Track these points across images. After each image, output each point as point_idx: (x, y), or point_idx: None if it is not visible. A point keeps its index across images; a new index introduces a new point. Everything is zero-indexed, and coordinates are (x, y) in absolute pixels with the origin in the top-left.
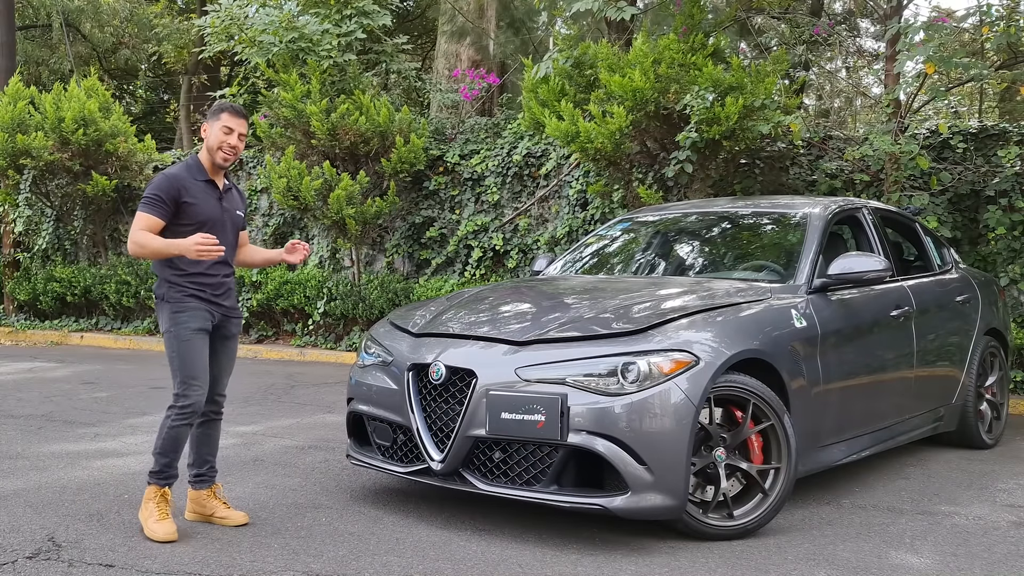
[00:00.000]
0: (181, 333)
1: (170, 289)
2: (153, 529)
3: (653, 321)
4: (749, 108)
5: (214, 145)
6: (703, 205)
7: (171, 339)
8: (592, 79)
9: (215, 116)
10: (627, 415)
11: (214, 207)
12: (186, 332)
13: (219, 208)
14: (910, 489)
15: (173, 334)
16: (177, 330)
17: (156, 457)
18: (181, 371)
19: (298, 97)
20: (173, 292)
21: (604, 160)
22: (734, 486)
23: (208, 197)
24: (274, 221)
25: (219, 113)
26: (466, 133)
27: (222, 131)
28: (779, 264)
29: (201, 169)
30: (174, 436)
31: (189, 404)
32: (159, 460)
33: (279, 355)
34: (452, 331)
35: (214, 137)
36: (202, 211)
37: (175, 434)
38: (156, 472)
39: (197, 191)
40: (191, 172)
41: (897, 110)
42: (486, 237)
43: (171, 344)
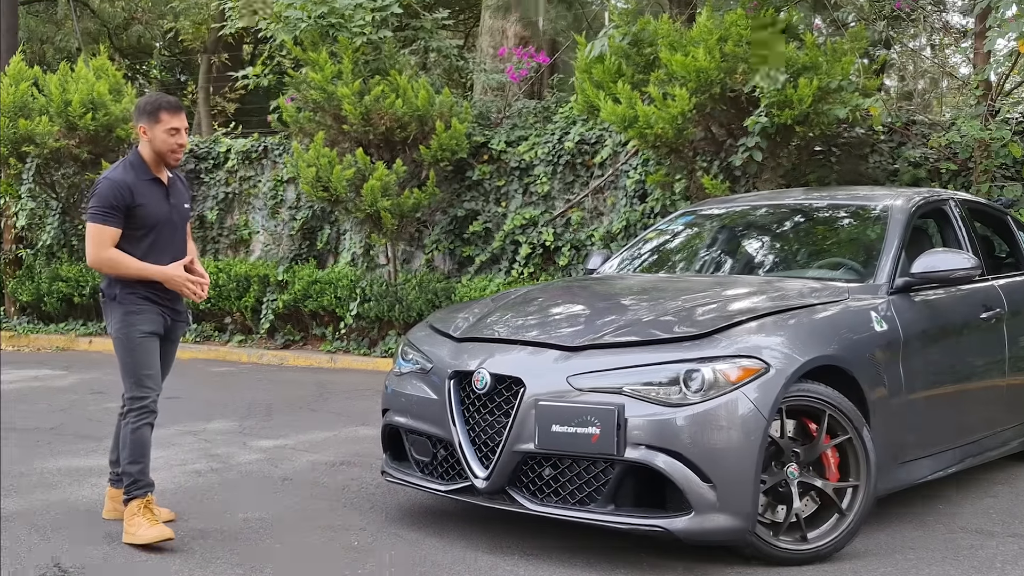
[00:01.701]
0: (133, 335)
1: (123, 290)
2: (146, 535)
3: (719, 324)
4: (824, 90)
5: (163, 150)
6: (773, 197)
7: (123, 341)
8: (652, 58)
9: (151, 118)
10: (690, 428)
11: (162, 207)
12: (138, 334)
13: (167, 207)
14: (999, 509)
15: (125, 336)
16: (129, 332)
17: (127, 468)
18: (134, 371)
19: (328, 78)
20: (126, 294)
21: (665, 147)
22: (808, 506)
23: (156, 197)
24: (302, 215)
25: (156, 113)
26: (513, 118)
27: (168, 134)
28: (857, 262)
29: (145, 167)
30: (138, 440)
31: (145, 403)
32: (130, 469)
33: (307, 362)
34: (498, 335)
35: (160, 142)
36: (152, 213)
37: (139, 437)
38: (132, 483)
39: (145, 192)
40: (137, 172)
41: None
42: (535, 232)
43: (123, 346)
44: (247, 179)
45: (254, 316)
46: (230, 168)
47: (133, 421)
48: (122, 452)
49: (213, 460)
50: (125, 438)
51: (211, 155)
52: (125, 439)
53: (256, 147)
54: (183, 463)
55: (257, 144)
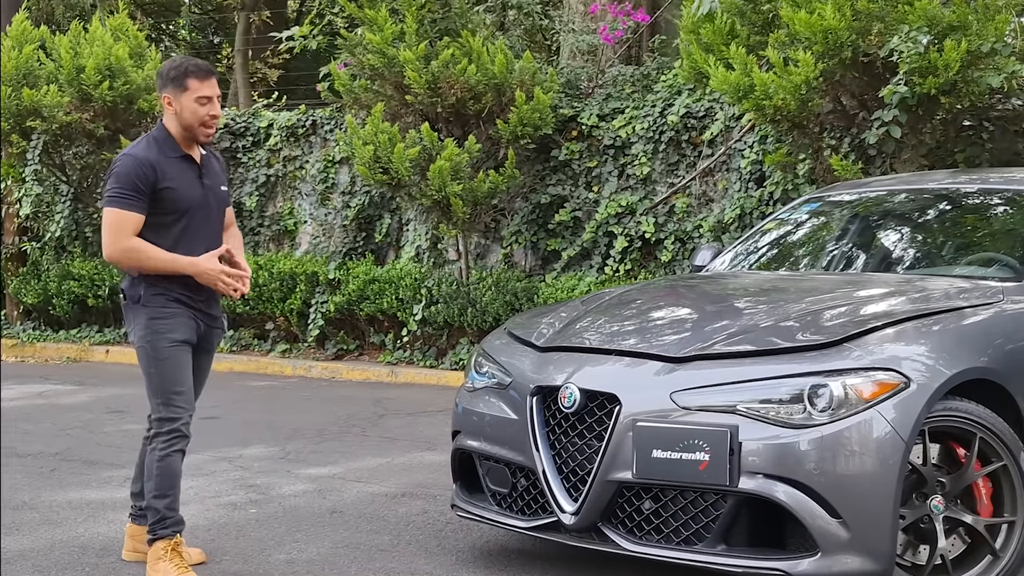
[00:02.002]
0: (160, 346)
1: (148, 290)
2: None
3: (850, 331)
4: (975, 54)
5: (193, 123)
6: (914, 180)
7: (148, 352)
8: (771, 16)
9: (177, 85)
10: (816, 453)
11: (195, 189)
12: (166, 346)
13: (200, 189)
14: None
15: (151, 346)
16: (156, 341)
17: (152, 503)
18: (162, 388)
19: (388, 40)
20: (153, 295)
21: (786, 122)
22: (955, 545)
23: (187, 177)
24: (357, 201)
25: (183, 80)
26: (607, 87)
27: (198, 103)
28: (1014, 257)
29: (173, 143)
30: (167, 469)
31: (175, 426)
32: (157, 505)
33: (363, 375)
34: (589, 344)
35: (189, 113)
36: (183, 196)
37: (168, 465)
38: (158, 521)
39: (174, 172)
40: (162, 149)
41: None
42: (632, 222)
43: (148, 358)
44: (292, 159)
45: (301, 321)
46: (272, 146)
47: (161, 447)
48: (147, 483)
49: (252, 491)
50: (151, 467)
51: (249, 131)
52: (151, 468)
53: (303, 121)
54: (216, 495)
55: (304, 118)
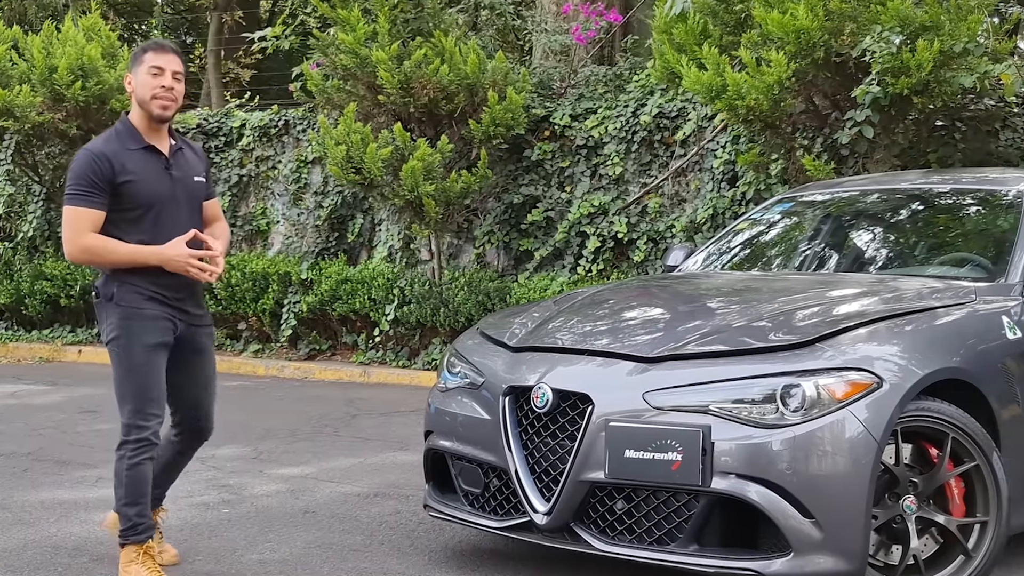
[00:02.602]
0: (133, 350)
1: (121, 288)
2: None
3: (822, 331)
4: (947, 54)
5: (145, 95)
6: (887, 180)
7: (120, 355)
8: (743, 16)
9: (136, 61)
10: (789, 453)
11: (161, 181)
12: (140, 349)
13: (167, 180)
14: None
15: (123, 348)
16: (128, 344)
17: (122, 511)
18: (133, 396)
19: (361, 40)
20: (126, 292)
21: (759, 122)
22: (927, 546)
23: (151, 169)
24: (329, 201)
25: (141, 56)
26: (579, 87)
27: (150, 74)
28: (986, 257)
29: (134, 135)
30: (136, 477)
31: (144, 435)
32: (127, 512)
33: (336, 375)
34: (561, 344)
35: (141, 85)
36: (146, 189)
37: (137, 474)
38: (129, 529)
39: (135, 164)
40: (122, 141)
41: None
42: (605, 222)
43: (119, 361)
44: (265, 159)
45: (273, 321)
46: (244, 146)
47: (131, 456)
48: (116, 490)
49: (224, 491)
50: (120, 474)
51: (222, 131)
52: (119, 475)
53: (275, 121)
54: (189, 495)
55: (277, 118)
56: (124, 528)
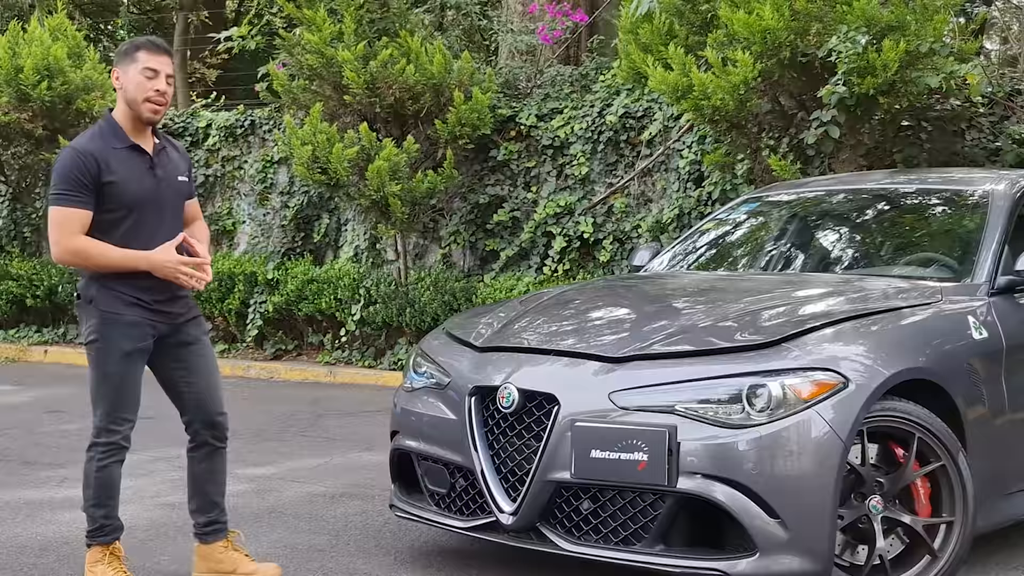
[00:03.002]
0: (109, 356)
1: (101, 291)
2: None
3: (788, 331)
4: (913, 55)
5: (137, 97)
6: (853, 181)
7: (96, 359)
8: (709, 16)
9: (128, 58)
10: (755, 453)
11: (145, 181)
12: (116, 355)
13: (152, 181)
14: None
15: (99, 352)
16: (105, 348)
17: (90, 512)
18: (105, 402)
19: (327, 40)
20: (106, 295)
21: (725, 122)
22: (893, 546)
23: (135, 169)
24: (295, 201)
25: (133, 53)
26: (545, 87)
27: (144, 75)
28: (952, 257)
29: (119, 133)
30: (106, 479)
31: (115, 439)
32: (95, 514)
33: (302, 375)
34: (527, 344)
35: (134, 86)
36: (130, 190)
37: (105, 476)
38: (96, 530)
39: (119, 164)
40: (107, 140)
41: None
42: (571, 222)
43: (96, 364)
44: (231, 160)
45: (239, 321)
46: (211, 147)
47: (100, 458)
48: (84, 490)
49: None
50: (88, 475)
51: (188, 131)
52: (88, 476)
53: (241, 122)
54: (155, 495)
55: (243, 118)
56: (91, 529)
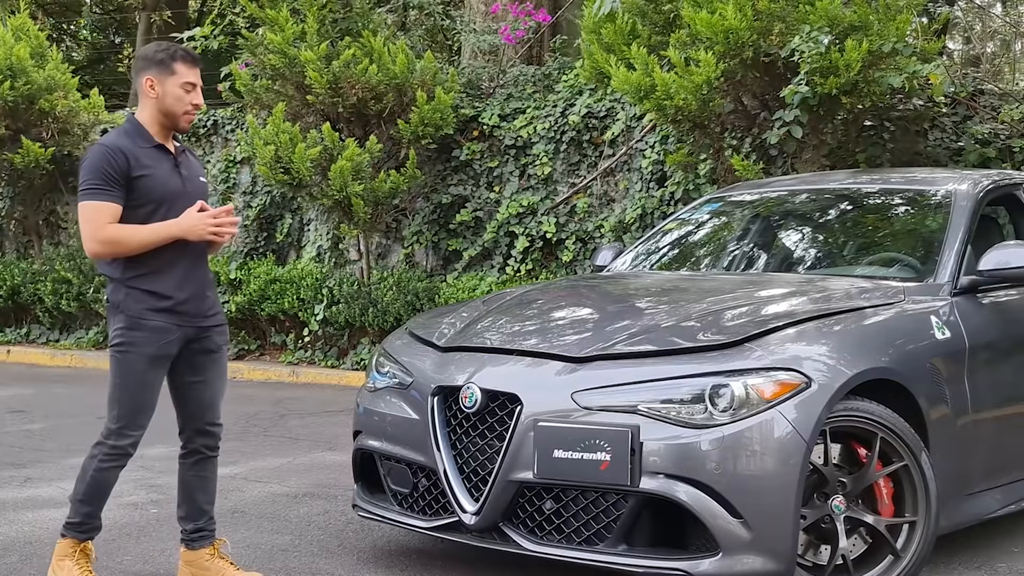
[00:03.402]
0: (132, 359)
1: (128, 296)
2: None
3: (751, 331)
4: (876, 55)
5: (176, 110)
6: (815, 180)
7: (119, 362)
8: (672, 16)
9: (165, 68)
10: (717, 453)
11: (173, 179)
12: (139, 360)
13: (178, 180)
14: None
15: (123, 356)
16: (128, 353)
17: (75, 505)
18: (121, 405)
19: (289, 40)
20: (133, 301)
21: (687, 122)
22: (856, 546)
23: (163, 167)
24: (258, 201)
25: (171, 64)
26: (508, 87)
27: (183, 88)
28: (915, 257)
29: (144, 134)
30: (101, 480)
31: (123, 446)
32: (79, 509)
33: (264, 375)
34: (490, 344)
35: (173, 99)
36: (158, 185)
37: (103, 478)
38: (75, 524)
39: (148, 160)
40: (133, 139)
41: None
42: (534, 222)
43: (117, 368)
44: None
45: None
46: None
47: (103, 459)
48: (77, 484)
49: (153, 491)
50: (85, 470)
51: None
52: (85, 471)
53: (204, 121)
54: (118, 495)
55: (205, 118)
56: (71, 521)
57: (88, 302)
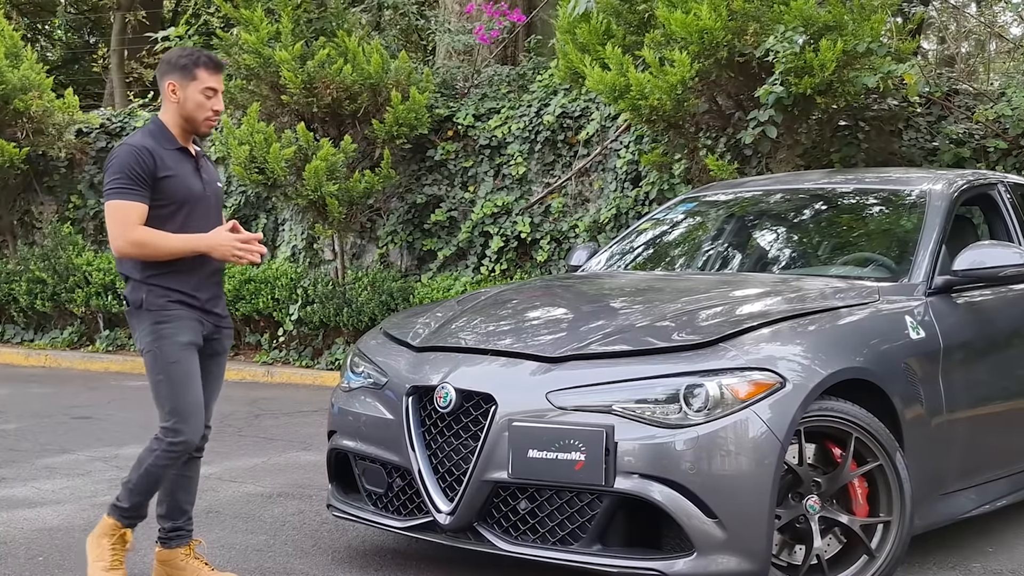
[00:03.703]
0: (168, 350)
1: (150, 295)
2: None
3: (726, 331)
4: (850, 54)
5: (197, 116)
6: (790, 180)
7: (156, 358)
8: (646, 16)
9: (187, 73)
10: (692, 453)
11: (195, 181)
12: (174, 349)
13: (199, 183)
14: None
15: (158, 351)
16: (162, 346)
17: (127, 492)
18: (171, 399)
19: (264, 40)
20: (155, 298)
21: (662, 122)
22: (831, 546)
23: (185, 168)
24: (233, 201)
25: (193, 70)
26: (483, 87)
27: (204, 94)
28: (889, 257)
29: (169, 136)
30: (156, 476)
31: (181, 441)
32: (130, 497)
33: (239, 375)
34: (464, 344)
35: (194, 105)
36: (182, 187)
37: (157, 474)
38: (124, 509)
39: (171, 162)
40: (158, 140)
41: None
42: (508, 222)
43: (156, 365)
44: None
45: None
46: None
47: (160, 456)
48: (132, 472)
49: None
50: (142, 462)
51: (126, 131)
52: (142, 464)
53: None
54: (92, 495)
55: None
56: (120, 505)
57: (63, 302)
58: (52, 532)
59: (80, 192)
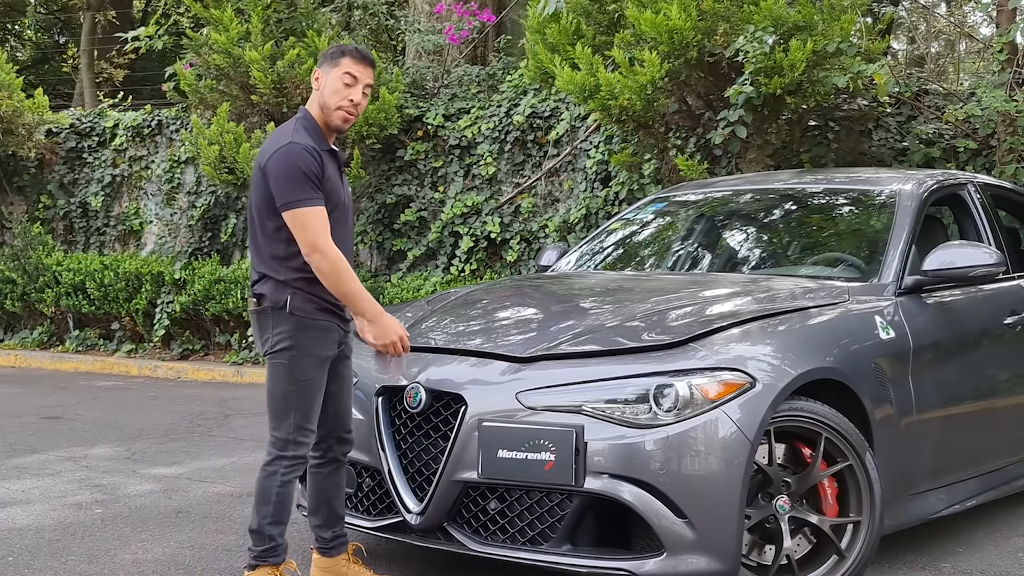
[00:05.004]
0: (305, 364)
1: (297, 296)
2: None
3: (695, 331)
4: (820, 55)
5: (330, 102)
6: (760, 180)
7: (289, 369)
8: (616, 16)
9: (331, 61)
10: (662, 453)
11: (341, 185)
12: (311, 364)
13: (343, 185)
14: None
15: (293, 360)
16: (300, 357)
17: (266, 530)
18: (300, 414)
19: (234, 40)
20: (301, 302)
21: (632, 122)
22: (800, 546)
23: (334, 171)
24: (203, 201)
25: (339, 58)
26: (452, 87)
27: (342, 80)
28: (859, 257)
29: (320, 135)
30: (287, 494)
31: (301, 453)
32: (271, 532)
33: (209, 375)
34: (434, 344)
35: (331, 90)
36: (335, 191)
37: (287, 492)
38: (267, 550)
39: (327, 164)
40: (316, 140)
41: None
42: (478, 222)
43: (288, 376)
44: (138, 159)
45: (146, 321)
46: (118, 146)
47: (284, 472)
48: (261, 507)
49: (97, 491)
50: (268, 492)
51: (95, 131)
52: (268, 493)
53: (148, 121)
54: (62, 495)
55: (150, 118)
56: (262, 549)
57: (33, 302)
58: (22, 532)
59: (50, 192)
